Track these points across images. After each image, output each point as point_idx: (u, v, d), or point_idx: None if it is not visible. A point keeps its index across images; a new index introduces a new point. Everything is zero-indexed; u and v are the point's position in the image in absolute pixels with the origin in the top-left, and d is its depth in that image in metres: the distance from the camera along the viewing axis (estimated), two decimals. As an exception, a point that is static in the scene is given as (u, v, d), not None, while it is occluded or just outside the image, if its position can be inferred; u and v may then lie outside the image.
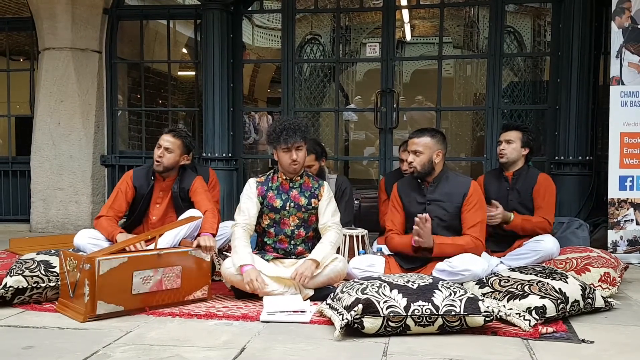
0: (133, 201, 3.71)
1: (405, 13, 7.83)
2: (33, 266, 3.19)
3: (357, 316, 2.59)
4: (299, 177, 3.44)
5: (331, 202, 3.46)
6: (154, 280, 3.03)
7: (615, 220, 4.66)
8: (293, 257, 3.42)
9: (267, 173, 3.50)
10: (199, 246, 3.25)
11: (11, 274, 3.12)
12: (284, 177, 3.42)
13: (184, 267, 3.16)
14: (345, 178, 4.57)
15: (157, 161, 3.63)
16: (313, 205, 3.41)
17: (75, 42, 6.02)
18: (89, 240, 3.52)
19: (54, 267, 3.22)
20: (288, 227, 3.40)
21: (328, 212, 3.42)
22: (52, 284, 3.17)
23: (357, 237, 3.99)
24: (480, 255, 3.36)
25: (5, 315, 2.96)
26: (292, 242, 3.42)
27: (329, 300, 2.98)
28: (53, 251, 3.45)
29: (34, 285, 3.13)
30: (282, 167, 3.40)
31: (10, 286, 3.07)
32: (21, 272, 3.13)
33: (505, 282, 3.02)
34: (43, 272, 3.18)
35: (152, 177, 3.70)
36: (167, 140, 3.64)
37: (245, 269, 3.15)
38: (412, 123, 7.90)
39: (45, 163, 6.08)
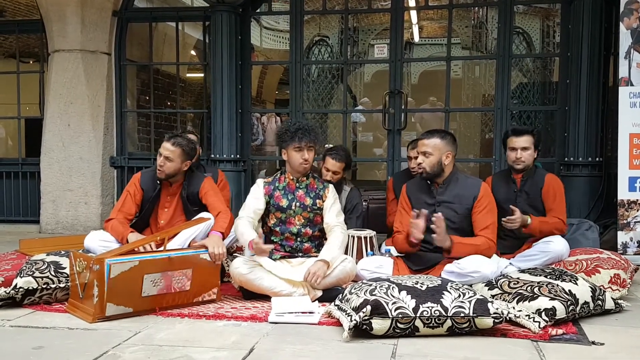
0: (141, 203, 3.72)
1: (414, 14, 7.83)
2: (43, 267, 3.22)
3: (366, 317, 2.59)
4: (305, 178, 3.49)
5: (335, 203, 3.50)
6: (163, 282, 3.04)
7: (625, 221, 4.63)
8: (300, 254, 3.45)
9: (275, 174, 3.56)
10: (204, 246, 3.25)
11: (21, 275, 3.15)
12: (291, 178, 3.47)
13: (194, 269, 3.16)
14: (358, 192, 4.45)
15: (159, 170, 3.64)
16: (318, 205, 3.45)
17: (85, 44, 6.05)
18: (100, 242, 3.52)
19: (64, 268, 3.24)
20: (294, 226, 3.44)
21: (332, 212, 3.45)
22: (61, 285, 3.19)
23: (365, 238, 3.98)
24: (491, 257, 3.34)
25: (15, 315, 2.98)
26: (299, 239, 3.46)
27: (337, 302, 2.98)
28: (63, 252, 3.48)
29: (44, 286, 3.15)
30: (291, 167, 3.45)
31: (20, 287, 3.09)
32: (31, 273, 3.16)
33: (514, 284, 3.01)
34: (53, 274, 3.20)
35: (158, 182, 3.70)
36: (167, 149, 3.61)
37: (252, 241, 3.21)
38: (423, 123, 7.88)
39: (55, 164, 6.11)
